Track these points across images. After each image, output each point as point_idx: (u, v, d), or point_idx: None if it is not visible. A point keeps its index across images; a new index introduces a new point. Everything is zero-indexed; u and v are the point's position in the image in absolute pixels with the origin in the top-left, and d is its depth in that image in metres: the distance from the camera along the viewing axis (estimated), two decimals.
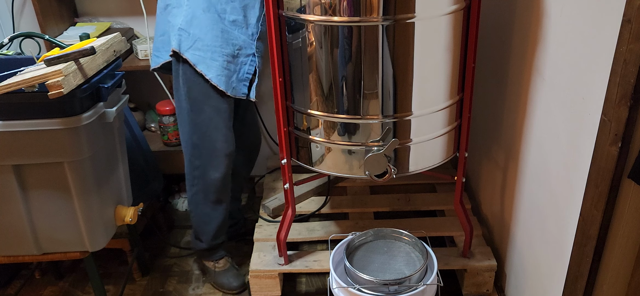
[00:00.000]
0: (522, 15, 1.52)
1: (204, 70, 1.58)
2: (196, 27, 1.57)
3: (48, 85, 1.24)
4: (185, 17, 1.57)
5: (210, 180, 1.74)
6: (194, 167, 1.75)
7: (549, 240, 1.41)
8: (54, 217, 1.49)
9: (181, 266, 2.09)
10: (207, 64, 1.58)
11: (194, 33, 1.57)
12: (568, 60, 1.25)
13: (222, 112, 1.66)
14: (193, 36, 1.57)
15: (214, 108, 1.65)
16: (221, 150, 1.71)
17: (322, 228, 1.89)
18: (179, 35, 1.57)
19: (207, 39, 1.57)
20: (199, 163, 1.74)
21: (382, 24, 1.27)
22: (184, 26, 1.57)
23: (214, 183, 1.75)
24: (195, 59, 1.58)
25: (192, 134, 1.70)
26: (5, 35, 2.13)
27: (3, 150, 1.38)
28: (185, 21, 1.57)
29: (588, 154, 1.14)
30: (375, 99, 1.37)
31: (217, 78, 1.60)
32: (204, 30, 1.57)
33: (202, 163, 1.73)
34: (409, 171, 1.48)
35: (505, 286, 1.78)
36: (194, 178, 1.77)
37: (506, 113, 1.69)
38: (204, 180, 1.75)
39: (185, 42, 1.57)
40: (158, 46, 1.70)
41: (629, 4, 0.96)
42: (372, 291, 1.40)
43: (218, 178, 1.74)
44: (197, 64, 1.58)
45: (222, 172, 1.74)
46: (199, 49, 1.57)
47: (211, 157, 1.72)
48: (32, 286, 2.01)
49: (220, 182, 1.75)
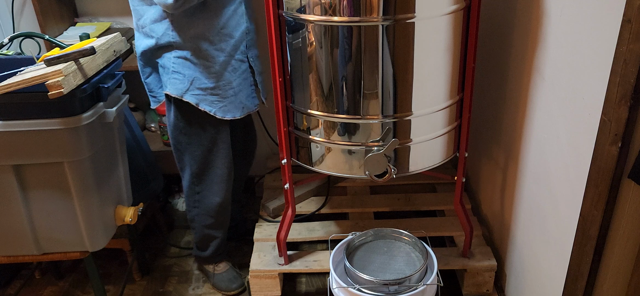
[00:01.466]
0: (522, 15, 1.52)
1: (206, 108, 1.58)
2: (190, 68, 1.55)
3: (48, 85, 1.24)
4: (176, 59, 1.54)
5: (211, 204, 1.76)
6: (194, 192, 1.76)
7: (549, 240, 1.41)
8: (54, 217, 1.49)
9: (181, 266, 2.09)
10: (208, 100, 1.58)
11: (189, 74, 1.55)
12: (568, 60, 1.25)
13: (221, 140, 1.67)
14: (188, 77, 1.55)
15: (212, 138, 1.65)
16: (222, 175, 1.72)
17: (322, 228, 1.89)
18: (173, 78, 1.56)
19: (203, 78, 1.55)
20: (200, 189, 1.74)
21: (382, 24, 1.27)
22: (177, 68, 1.55)
23: (215, 208, 1.77)
24: (196, 100, 1.57)
25: (192, 165, 1.70)
26: (5, 35, 2.13)
27: (3, 150, 1.38)
28: (178, 64, 1.54)
29: (588, 154, 1.14)
30: (375, 99, 1.37)
31: (221, 112, 1.60)
32: (199, 69, 1.55)
33: (203, 190, 1.74)
34: (409, 171, 1.48)
35: (505, 286, 1.78)
36: (194, 202, 1.78)
37: (506, 113, 1.69)
38: (205, 204, 1.76)
39: (181, 85, 1.55)
40: (151, 85, 1.67)
41: (629, 4, 0.96)
42: (372, 291, 1.40)
43: (219, 203, 1.76)
44: (199, 104, 1.57)
45: (222, 196, 1.75)
46: (197, 88, 1.56)
47: (212, 184, 1.73)
48: (32, 286, 2.01)
49: (221, 205, 1.77)
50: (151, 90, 1.68)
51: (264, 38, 1.57)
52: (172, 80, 1.56)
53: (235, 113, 1.63)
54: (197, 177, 1.72)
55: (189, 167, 1.71)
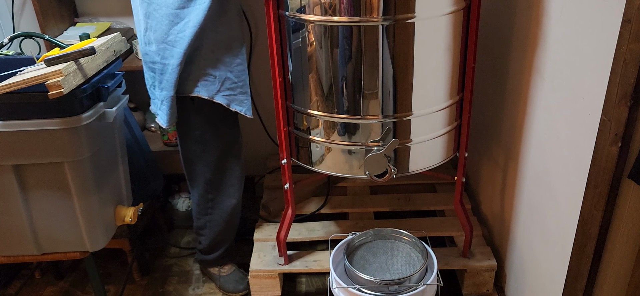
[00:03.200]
0: (522, 15, 1.52)
1: (237, 108, 1.55)
2: (218, 69, 1.50)
3: (48, 85, 1.24)
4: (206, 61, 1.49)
5: (226, 207, 1.75)
6: (207, 199, 1.74)
7: (549, 240, 1.41)
8: (54, 217, 1.49)
9: (181, 266, 2.09)
10: (239, 100, 1.55)
11: (220, 75, 1.50)
12: (568, 60, 1.25)
13: (237, 137, 1.66)
14: (219, 78, 1.50)
15: (229, 140, 1.64)
16: (239, 176, 1.71)
17: (322, 228, 1.89)
18: (206, 80, 1.50)
19: (233, 76, 1.52)
20: (213, 196, 1.73)
21: (382, 24, 1.27)
22: (209, 70, 1.49)
23: (229, 211, 1.75)
24: (227, 100, 1.54)
25: (206, 173, 1.68)
26: (5, 35, 2.13)
27: (3, 150, 1.38)
28: (208, 66, 1.50)
29: (588, 154, 1.14)
30: (375, 99, 1.37)
31: (249, 111, 1.58)
32: (229, 68, 1.51)
33: (217, 195, 1.73)
34: (409, 171, 1.48)
35: (505, 286, 1.78)
36: (206, 209, 1.76)
37: (506, 113, 1.69)
38: (219, 209, 1.75)
39: (212, 87, 1.51)
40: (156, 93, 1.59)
41: (629, 4, 0.96)
42: (372, 291, 1.40)
43: (234, 205, 1.75)
44: (230, 104, 1.54)
45: (237, 197, 1.74)
46: (228, 89, 1.53)
47: (228, 187, 1.72)
48: (32, 286, 2.01)
49: (235, 208, 1.76)
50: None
51: (264, 38, 1.57)
52: (203, 82, 1.51)
53: (250, 112, 1.62)
54: (211, 183, 1.71)
55: (203, 175, 1.69)
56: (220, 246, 1.86)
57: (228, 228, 1.81)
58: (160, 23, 1.45)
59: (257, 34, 2.16)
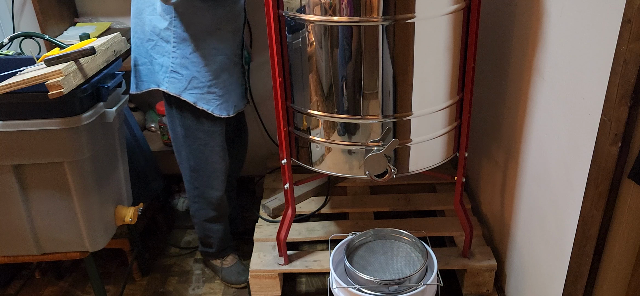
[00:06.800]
0: (522, 15, 1.52)
1: (204, 106, 1.60)
2: (187, 68, 1.56)
3: (48, 85, 1.24)
4: (175, 59, 1.56)
5: (210, 198, 1.80)
6: (194, 187, 1.80)
7: (549, 240, 1.41)
8: (54, 217, 1.49)
9: (181, 266, 2.09)
10: (206, 99, 1.60)
11: (187, 74, 1.57)
12: (568, 60, 1.25)
13: (216, 135, 1.69)
14: (186, 76, 1.57)
15: (208, 133, 1.68)
16: (219, 169, 1.76)
17: (322, 228, 1.89)
18: (172, 77, 1.57)
19: (201, 77, 1.57)
20: (199, 184, 1.78)
21: (382, 24, 1.27)
22: (176, 68, 1.57)
23: (213, 201, 1.80)
24: (194, 99, 1.59)
25: (190, 159, 1.73)
26: (5, 35, 2.13)
27: (3, 150, 1.38)
28: (177, 63, 1.56)
29: (588, 154, 1.14)
30: (375, 99, 1.37)
31: (218, 110, 1.62)
32: (197, 68, 1.56)
33: (201, 184, 1.78)
34: (409, 171, 1.48)
35: (505, 286, 1.78)
36: (195, 197, 1.82)
37: (506, 113, 1.69)
38: (205, 198, 1.80)
39: (179, 84, 1.57)
40: (142, 74, 1.65)
41: (629, 4, 0.96)
42: (372, 291, 1.40)
43: (217, 196, 1.80)
44: (197, 102, 1.59)
45: (221, 189, 1.79)
46: (195, 88, 1.58)
47: (210, 179, 1.76)
48: (32, 286, 2.01)
49: (220, 199, 1.81)
50: (142, 79, 1.67)
51: (264, 38, 1.57)
52: (171, 79, 1.58)
53: (229, 111, 1.65)
54: (196, 171, 1.75)
55: (187, 161, 1.74)
56: (212, 236, 1.89)
57: (216, 218, 1.85)
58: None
59: (257, 34, 2.16)
